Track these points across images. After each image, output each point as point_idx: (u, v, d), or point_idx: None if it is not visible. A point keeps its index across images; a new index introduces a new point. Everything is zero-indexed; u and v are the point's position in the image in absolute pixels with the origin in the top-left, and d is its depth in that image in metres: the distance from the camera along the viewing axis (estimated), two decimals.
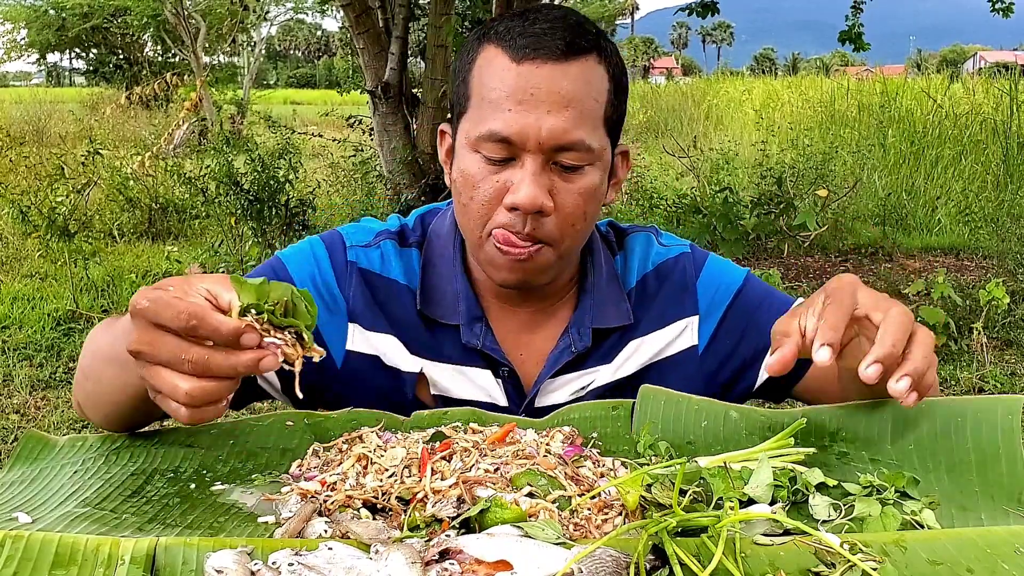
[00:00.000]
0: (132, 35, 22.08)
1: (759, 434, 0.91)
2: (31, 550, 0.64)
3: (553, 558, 0.64)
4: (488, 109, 0.97)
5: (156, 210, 8.13)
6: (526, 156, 0.96)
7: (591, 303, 1.11)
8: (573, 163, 0.98)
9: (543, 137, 0.95)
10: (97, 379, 0.94)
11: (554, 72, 0.96)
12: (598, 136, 0.99)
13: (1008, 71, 13.09)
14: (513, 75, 0.96)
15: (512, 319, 1.12)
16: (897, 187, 9.19)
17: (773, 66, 58.34)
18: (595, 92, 0.99)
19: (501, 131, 0.96)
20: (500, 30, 0.99)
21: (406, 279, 1.11)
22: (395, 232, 1.14)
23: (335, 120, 10.07)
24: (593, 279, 1.12)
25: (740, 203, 7.59)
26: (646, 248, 1.18)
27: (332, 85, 15.34)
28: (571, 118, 0.96)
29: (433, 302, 1.09)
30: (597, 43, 1.00)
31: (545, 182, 0.97)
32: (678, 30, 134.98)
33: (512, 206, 0.97)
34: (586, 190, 0.99)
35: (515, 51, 0.96)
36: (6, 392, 4.43)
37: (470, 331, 1.08)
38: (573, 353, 1.09)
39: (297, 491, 0.78)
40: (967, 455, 0.85)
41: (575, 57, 0.97)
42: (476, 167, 0.99)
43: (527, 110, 0.95)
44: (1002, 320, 5.22)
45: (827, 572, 0.66)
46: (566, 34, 0.97)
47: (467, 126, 1.00)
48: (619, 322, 1.11)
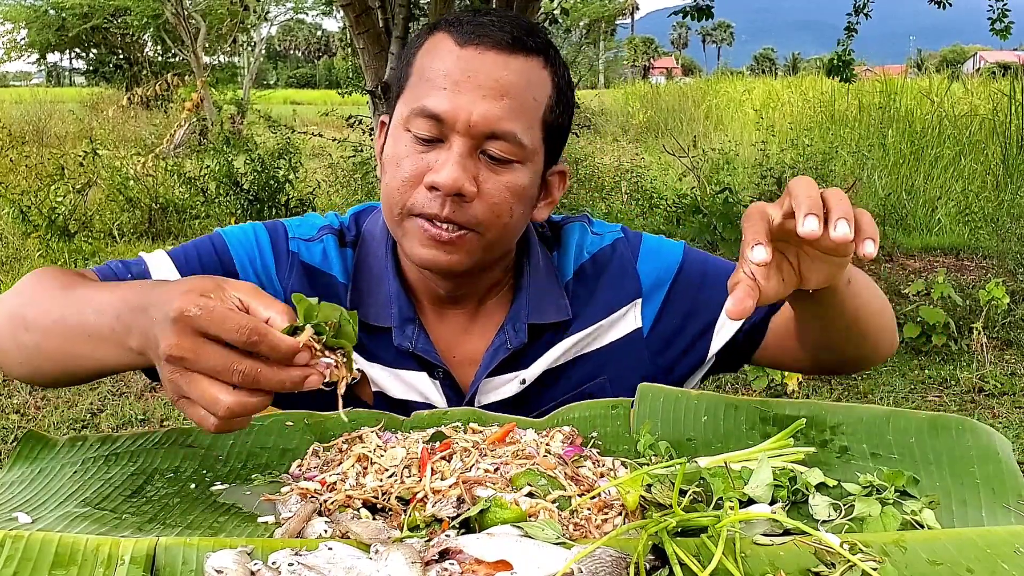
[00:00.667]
0: (132, 35, 22.06)
1: (759, 428, 0.91)
2: (31, 550, 0.64)
3: (553, 558, 0.64)
4: (424, 87, 0.96)
5: (156, 210, 8.13)
6: (454, 138, 0.94)
7: (527, 299, 1.09)
8: (502, 154, 0.96)
9: (474, 120, 0.94)
10: (56, 345, 0.85)
11: (496, 60, 0.95)
12: (532, 135, 0.97)
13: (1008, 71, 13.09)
14: (454, 57, 0.95)
15: (446, 320, 1.10)
16: (897, 187, 9.19)
17: (773, 66, 58.35)
18: (535, 92, 0.97)
19: (432, 107, 0.94)
20: (451, 20, 0.99)
21: (344, 277, 1.10)
22: (336, 229, 1.12)
23: (335, 120, 10.07)
24: (529, 276, 1.10)
25: (740, 203, 7.59)
26: (580, 238, 1.16)
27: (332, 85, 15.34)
28: (506, 108, 0.94)
29: (365, 304, 1.07)
30: (545, 50, 0.99)
31: (470, 167, 0.95)
32: (678, 30, 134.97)
33: (431, 185, 0.94)
34: (514, 185, 0.97)
35: (461, 36, 0.96)
36: (6, 392, 4.43)
37: (402, 333, 1.06)
38: (508, 350, 1.07)
39: (297, 491, 0.78)
40: (967, 451, 0.85)
41: (520, 52, 0.96)
42: (403, 146, 0.97)
43: (462, 91, 0.94)
44: (1002, 320, 5.22)
45: (827, 572, 0.66)
46: (514, 30, 0.97)
47: (401, 105, 0.99)
48: (557, 317, 1.09)
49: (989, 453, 0.85)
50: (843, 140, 10.48)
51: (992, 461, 0.84)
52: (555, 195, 1.08)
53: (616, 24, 28.94)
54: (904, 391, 4.27)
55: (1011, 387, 4.32)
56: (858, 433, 0.90)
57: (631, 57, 58.69)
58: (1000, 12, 6.95)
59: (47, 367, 0.87)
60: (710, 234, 7.64)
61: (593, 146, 12.37)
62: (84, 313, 0.81)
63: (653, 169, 10.20)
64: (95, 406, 4.26)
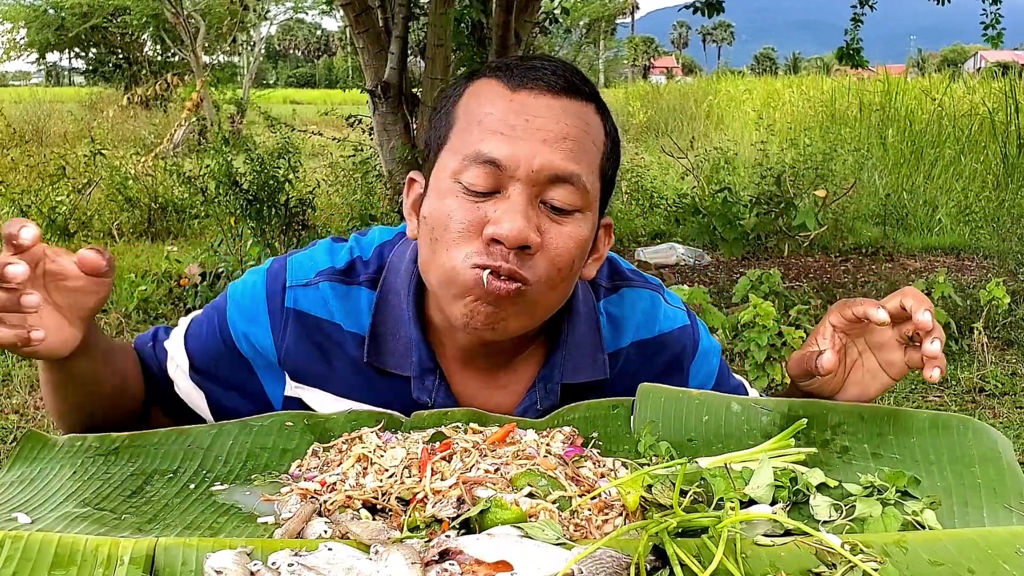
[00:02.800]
0: (132, 35, 22.06)
1: (760, 428, 0.91)
2: (31, 550, 0.64)
3: (553, 558, 0.64)
4: (477, 133, 0.88)
5: (156, 210, 8.13)
6: (513, 186, 0.86)
7: (563, 357, 1.00)
8: (565, 205, 0.88)
9: (537, 165, 0.86)
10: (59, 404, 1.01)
11: (552, 103, 0.89)
12: (593, 180, 0.91)
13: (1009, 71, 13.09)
14: (507, 100, 0.88)
15: (471, 372, 1.01)
16: (897, 187, 9.20)
17: (774, 65, 58.35)
18: (593, 136, 0.91)
19: (490, 153, 0.86)
20: (494, 65, 0.93)
21: (350, 323, 1.00)
22: (340, 269, 1.02)
23: (335, 120, 10.07)
24: (568, 331, 1.01)
25: (740, 203, 7.59)
26: (651, 311, 1.07)
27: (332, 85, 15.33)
28: (568, 150, 0.88)
29: (383, 350, 0.99)
30: (596, 97, 0.94)
31: (533, 217, 0.86)
32: (678, 29, 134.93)
33: (492, 238, 0.85)
34: (577, 237, 0.89)
35: (512, 80, 0.89)
36: (6, 392, 4.43)
37: (421, 386, 0.98)
38: (539, 411, 0.99)
39: (297, 491, 0.78)
40: (968, 450, 0.85)
41: (575, 97, 0.90)
42: (453, 199, 0.88)
43: (521, 136, 0.86)
44: (1002, 320, 5.22)
45: (828, 573, 0.66)
46: (567, 74, 0.91)
47: (447, 156, 0.90)
48: (594, 376, 1.01)
49: (990, 453, 0.85)
50: (843, 140, 10.48)
51: (993, 461, 0.84)
52: (602, 251, 1.00)
53: (616, 23, 28.95)
54: (905, 391, 4.28)
55: (1012, 387, 4.32)
56: (859, 433, 0.90)
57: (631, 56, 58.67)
58: (993, 18, 7.00)
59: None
60: (710, 234, 7.64)
61: None
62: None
63: (653, 169, 10.20)
64: None
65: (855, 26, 7.43)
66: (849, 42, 7.49)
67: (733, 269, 6.92)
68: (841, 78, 14.83)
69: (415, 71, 7.88)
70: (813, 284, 6.55)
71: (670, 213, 8.14)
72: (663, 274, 6.71)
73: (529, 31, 6.94)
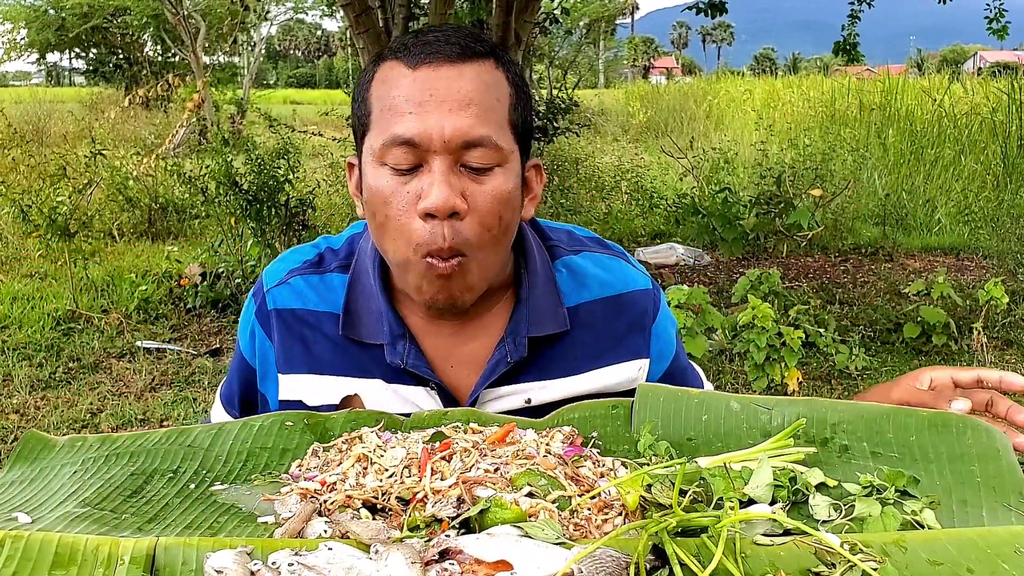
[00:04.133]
0: (132, 35, 22.06)
1: (760, 427, 0.91)
2: (31, 550, 0.64)
3: (553, 558, 0.64)
4: (389, 116, 0.95)
5: (156, 210, 8.13)
6: (433, 159, 0.94)
7: (526, 311, 1.07)
8: (482, 163, 0.95)
9: (447, 135, 0.93)
10: None
11: (451, 72, 0.95)
12: (505, 137, 0.97)
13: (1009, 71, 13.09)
14: (410, 80, 0.95)
15: (440, 331, 1.09)
16: (897, 187, 9.20)
17: (773, 66, 58.29)
18: (496, 93, 0.97)
19: (404, 134, 0.93)
20: (394, 47, 0.99)
21: (324, 306, 1.09)
22: (311, 261, 1.13)
23: (335, 120, 10.07)
24: (528, 287, 1.08)
25: (739, 203, 7.59)
26: (615, 270, 1.14)
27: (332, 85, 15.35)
28: (474, 115, 0.94)
29: (357, 323, 1.07)
30: (494, 51, 0.99)
31: (456, 184, 0.94)
32: (678, 30, 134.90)
33: (426, 211, 0.93)
34: (499, 192, 0.97)
35: (410, 59, 0.96)
36: (6, 392, 4.43)
37: (393, 350, 1.06)
38: (509, 363, 1.06)
39: (297, 491, 0.78)
40: (968, 449, 0.85)
41: (471, 59, 0.96)
42: (384, 181, 0.96)
43: (428, 111, 0.93)
44: (1002, 320, 5.22)
45: (827, 572, 0.66)
46: (460, 39, 0.96)
47: (370, 141, 0.98)
48: (555, 328, 1.08)
49: (990, 451, 0.85)
50: (843, 140, 10.48)
51: (993, 459, 0.84)
52: (536, 189, 1.07)
53: (616, 24, 28.93)
54: None
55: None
56: (858, 431, 0.89)
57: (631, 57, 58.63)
58: (997, 12, 7.01)
59: None
60: (709, 234, 7.65)
61: (593, 146, 12.36)
62: None
63: (653, 169, 10.20)
64: (95, 406, 4.26)
65: (852, 22, 7.46)
66: (846, 37, 7.52)
67: (733, 269, 6.92)
68: (841, 78, 14.83)
69: None
70: (813, 284, 6.55)
71: (670, 213, 8.14)
72: (663, 274, 6.71)
73: (529, 31, 6.95)
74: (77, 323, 5.43)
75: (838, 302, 6.09)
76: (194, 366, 4.83)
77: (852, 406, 0.92)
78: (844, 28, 7.54)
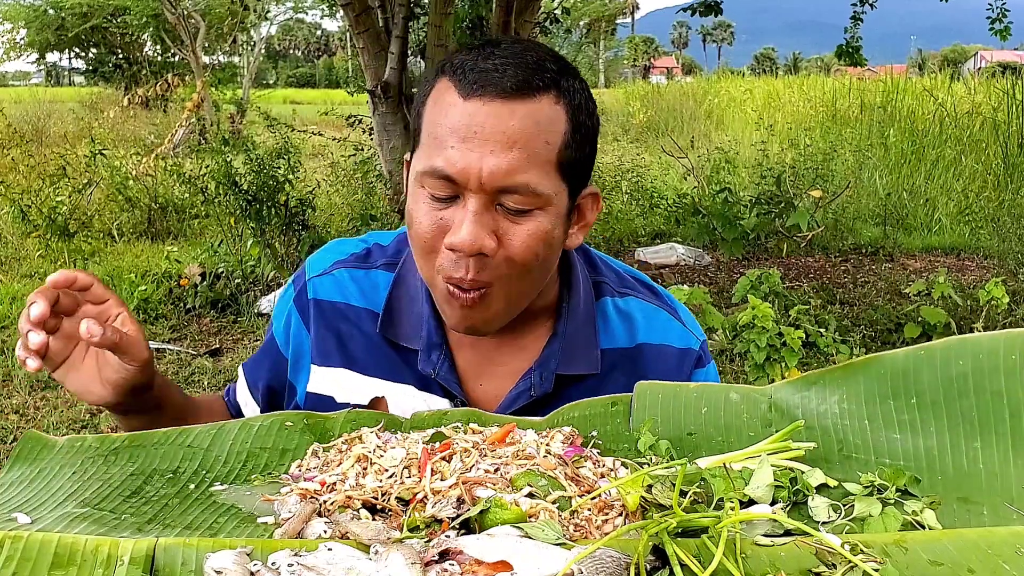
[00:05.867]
0: (132, 35, 22.06)
1: (760, 417, 0.90)
2: (30, 550, 0.64)
3: (553, 559, 0.64)
4: (433, 145, 0.93)
5: (156, 210, 8.13)
6: (469, 196, 0.92)
7: (559, 347, 1.06)
8: (519, 207, 0.93)
9: (485, 177, 0.90)
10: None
11: (501, 110, 0.91)
12: (548, 180, 0.93)
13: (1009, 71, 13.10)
14: (459, 111, 0.92)
15: (477, 345, 1.07)
16: (898, 187, 9.20)
17: (773, 65, 58.27)
18: (546, 134, 0.93)
19: (443, 168, 0.91)
20: (455, 62, 0.95)
21: (365, 302, 1.08)
22: (358, 255, 1.12)
23: (335, 120, 10.07)
24: (567, 321, 1.06)
25: (740, 203, 7.59)
26: (661, 323, 1.11)
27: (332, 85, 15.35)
28: (516, 160, 0.91)
29: (396, 324, 1.07)
30: (556, 81, 0.93)
31: (488, 222, 0.92)
32: (678, 29, 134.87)
33: (451, 247, 0.92)
34: (535, 233, 0.94)
35: (464, 86, 0.92)
36: (6, 392, 4.43)
37: (427, 359, 1.05)
38: (531, 397, 1.05)
39: (297, 492, 0.78)
40: (971, 410, 0.84)
41: (526, 96, 0.91)
42: (420, 204, 0.95)
43: (471, 148, 0.90)
44: (1002, 320, 5.22)
45: (828, 573, 0.66)
46: (519, 71, 0.92)
47: (417, 159, 0.97)
48: (586, 370, 1.06)
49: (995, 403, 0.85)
50: (844, 140, 10.48)
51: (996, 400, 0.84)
52: (589, 218, 1.04)
53: (616, 23, 28.95)
54: None
55: None
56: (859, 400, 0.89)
57: (631, 56, 58.62)
58: (1000, 12, 7.01)
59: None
60: (710, 234, 7.65)
61: None
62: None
63: (653, 169, 10.20)
64: (95, 406, 4.25)
65: (855, 24, 7.47)
66: (849, 40, 7.53)
67: (733, 269, 6.93)
68: (842, 78, 14.84)
69: (415, 71, 7.89)
70: (813, 284, 6.55)
71: (670, 213, 8.14)
72: (663, 274, 6.71)
73: (529, 31, 6.94)
74: None
75: (838, 302, 6.09)
76: (194, 366, 4.83)
77: (849, 375, 0.91)
78: (847, 31, 7.55)
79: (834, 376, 0.92)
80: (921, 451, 0.85)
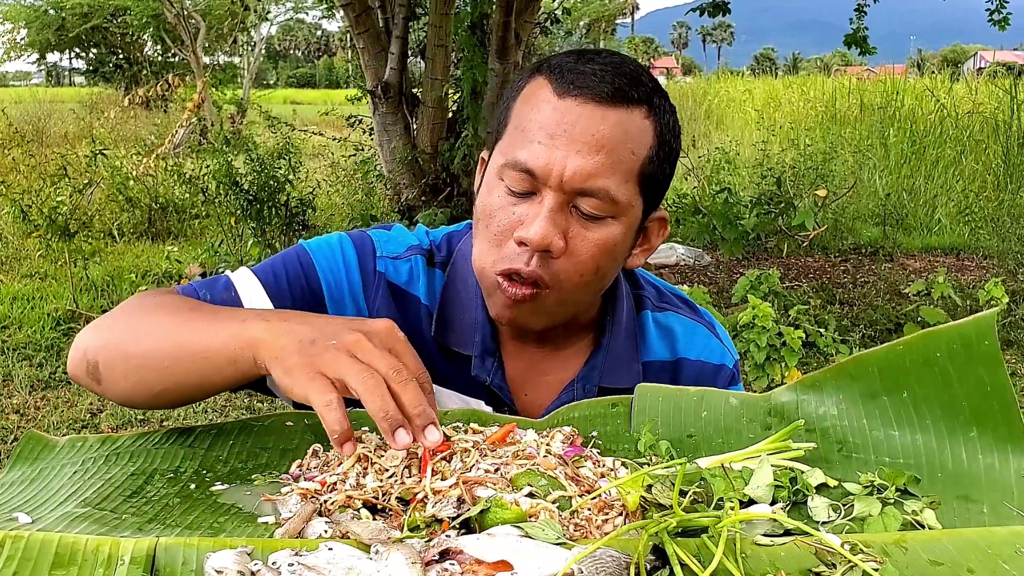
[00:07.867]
0: (132, 35, 22.07)
1: (760, 420, 0.91)
2: (31, 550, 0.64)
3: (553, 558, 0.64)
4: (520, 138, 0.94)
5: (156, 210, 8.13)
6: (546, 192, 0.92)
7: (603, 359, 1.07)
8: (593, 212, 0.93)
9: (566, 176, 0.91)
10: (168, 364, 0.90)
11: (594, 113, 0.92)
12: (627, 190, 0.94)
13: (1010, 71, 13.11)
14: (551, 108, 0.93)
15: (524, 356, 1.08)
16: (898, 187, 9.20)
17: (773, 66, 58.26)
18: (633, 144, 0.93)
19: (526, 161, 0.92)
20: (553, 63, 0.96)
21: (428, 299, 1.08)
22: (425, 248, 1.11)
23: (335, 120, 10.07)
24: (610, 335, 1.07)
25: (740, 203, 7.59)
26: (699, 339, 1.13)
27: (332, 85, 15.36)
28: (600, 163, 0.91)
29: (449, 329, 1.06)
30: (649, 97, 0.95)
31: (561, 222, 0.93)
32: (678, 30, 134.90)
33: (521, 240, 0.93)
34: (604, 241, 0.95)
35: (560, 85, 0.93)
36: (6, 392, 4.43)
37: (482, 364, 1.05)
38: None
39: (297, 491, 0.78)
40: (959, 400, 0.85)
41: (620, 104, 0.92)
42: (497, 196, 0.96)
43: (557, 146, 0.91)
44: (1002, 320, 5.22)
45: (828, 572, 0.66)
46: (617, 79, 0.93)
47: (499, 152, 0.97)
48: (629, 383, 1.05)
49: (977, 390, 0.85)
50: (844, 140, 10.48)
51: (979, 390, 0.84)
52: (654, 242, 1.05)
53: (616, 24, 28.95)
54: None
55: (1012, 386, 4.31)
56: (852, 399, 0.89)
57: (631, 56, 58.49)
58: (999, 3, 7.03)
59: (152, 381, 0.91)
60: (710, 234, 7.65)
61: None
62: (202, 334, 0.88)
63: None
64: (95, 406, 4.26)
65: (859, 16, 7.52)
66: (856, 29, 7.57)
67: (733, 269, 6.93)
68: (841, 78, 14.83)
69: (415, 72, 7.89)
70: (813, 284, 6.55)
71: (670, 213, 8.14)
72: (663, 274, 6.71)
73: (529, 31, 6.95)
74: (77, 323, 5.43)
75: (838, 302, 6.09)
76: None
77: (839, 376, 0.92)
78: (852, 22, 7.60)
79: (827, 378, 0.92)
80: (920, 447, 0.85)
